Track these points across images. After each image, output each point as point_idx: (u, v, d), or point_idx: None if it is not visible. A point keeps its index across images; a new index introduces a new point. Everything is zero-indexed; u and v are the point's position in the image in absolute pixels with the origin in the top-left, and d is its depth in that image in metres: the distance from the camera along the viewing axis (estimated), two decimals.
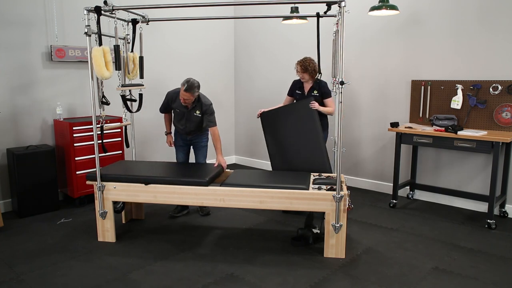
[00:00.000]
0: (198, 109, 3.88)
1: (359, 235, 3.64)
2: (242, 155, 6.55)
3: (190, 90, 3.65)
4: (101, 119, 3.54)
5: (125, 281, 2.86)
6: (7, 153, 4.17)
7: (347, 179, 5.26)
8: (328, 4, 3.29)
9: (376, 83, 4.86)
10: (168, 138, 4.20)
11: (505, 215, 4.09)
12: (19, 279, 2.89)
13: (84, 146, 4.31)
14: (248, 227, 3.84)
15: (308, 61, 4.03)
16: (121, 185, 3.39)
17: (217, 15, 5.71)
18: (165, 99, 4.00)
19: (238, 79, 6.38)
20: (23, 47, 4.23)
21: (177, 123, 4.03)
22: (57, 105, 4.46)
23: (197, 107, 3.87)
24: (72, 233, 3.69)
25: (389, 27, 4.67)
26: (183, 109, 3.89)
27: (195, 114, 3.89)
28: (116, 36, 3.53)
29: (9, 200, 4.30)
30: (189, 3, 3.32)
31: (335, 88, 3.42)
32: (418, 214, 4.17)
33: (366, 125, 5.02)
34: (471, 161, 4.27)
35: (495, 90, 3.99)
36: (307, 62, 4.02)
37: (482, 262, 3.13)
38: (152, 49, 5.32)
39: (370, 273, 2.97)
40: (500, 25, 3.94)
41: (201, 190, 3.28)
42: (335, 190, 3.13)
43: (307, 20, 4.90)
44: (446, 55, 4.30)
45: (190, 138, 4.09)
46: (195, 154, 4.20)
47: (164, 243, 3.47)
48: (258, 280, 2.86)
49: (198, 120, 3.92)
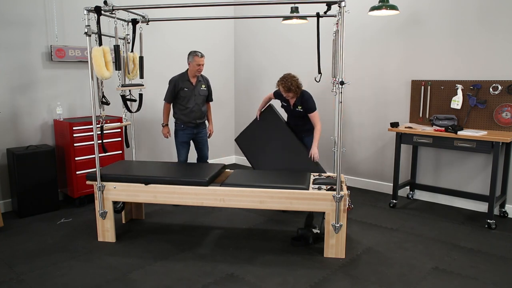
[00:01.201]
0: (203, 83, 4.33)
1: (359, 235, 3.64)
2: (242, 155, 6.55)
3: (204, 55, 4.19)
4: (101, 119, 3.54)
5: (125, 281, 2.86)
6: (7, 153, 4.17)
7: (347, 179, 5.26)
8: (328, 4, 3.28)
9: (376, 83, 4.86)
10: (165, 130, 4.38)
11: (505, 215, 4.09)
12: (19, 279, 2.89)
13: (84, 146, 4.31)
14: (248, 227, 3.84)
15: (289, 80, 3.83)
16: (121, 185, 3.39)
17: (217, 15, 5.71)
18: (171, 85, 4.26)
19: (238, 79, 6.38)
20: (23, 47, 4.23)
21: (184, 110, 4.27)
22: (57, 105, 4.46)
23: (202, 81, 4.32)
24: (72, 233, 3.69)
25: (389, 27, 4.67)
26: (190, 86, 4.25)
27: (201, 88, 4.31)
28: (116, 36, 3.53)
29: (9, 200, 4.30)
30: (189, 3, 3.32)
31: (335, 88, 3.42)
32: (418, 214, 4.17)
33: (366, 125, 5.02)
34: (471, 161, 4.27)
35: (495, 90, 3.99)
36: (289, 82, 3.82)
37: (482, 262, 3.13)
38: (152, 49, 5.32)
39: (370, 273, 2.97)
40: (500, 25, 3.94)
41: (201, 190, 3.28)
42: (335, 190, 3.13)
43: (307, 20, 4.91)
44: (446, 55, 4.30)
45: (196, 132, 4.37)
46: (199, 148, 4.50)
47: (164, 243, 3.47)
48: (258, 280, 2.86)
49: (205, 95, 4.36)
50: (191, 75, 4.25)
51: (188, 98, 4.24)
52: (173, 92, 4.24)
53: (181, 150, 4.36)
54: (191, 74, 4.24)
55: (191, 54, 4.16)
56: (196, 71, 4.19)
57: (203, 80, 4.35)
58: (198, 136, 4.40)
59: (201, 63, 4.16)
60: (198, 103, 4.30)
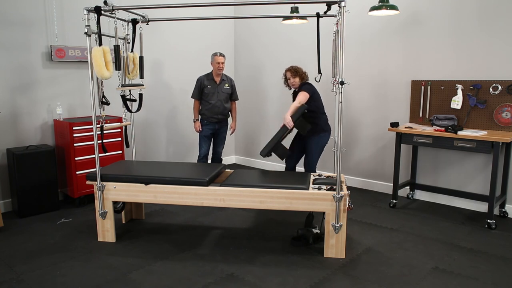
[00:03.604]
0: (227, 82, 4.75)
1: (359, 235, 3.64)
2: (242, 155, 6.55)
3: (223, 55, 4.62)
4: (101, 119, 3.54)
5: (125, 281, 2.86)
6: (7, 153, 4.17)
7: (347, 179, 5.26)
8: (328, 4, 3.29)
9: (376, 83, 4.86)
10: (196, 124, 4.76)
11: (505, 215, 4.09)
12: (19, 279, 2.89)
13: (84, 146, 4.31)
14: (248, 227, 3.84)
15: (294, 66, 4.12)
16: (121, 185, 3.39)
17: (217, 15, 5.71)
18: (197, 83, 4.70)
19: (238, 79, 6.38)
20: (23, 47, 4.23)
21: (207, 105, 4.66)
22: (57, 105, 4.46)
23: (226, 81, 4.74)
24: (72, 233, 3.69)
25: (389, 27, 4.67)
26: (214, 84, 4.67)
27: (225, 87, 4.73)
28: (116, 36, 3.53)
29: (9, 200, 4.30)
30: (189, 3, 3.32)
31: (335, 88, 3.43)
32: (418, 214, 4.17)
33: (366, 125, 5.02)
34: (471, 161, 4.27)
35: (495, 90, 3.99)
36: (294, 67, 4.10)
37: (482, 262, 3.13)
38: (152, 48, 5.32)
39: (370, 273, 2.97)
40: (500, 25, 3.94)
41: (201, 190, 3.28)
42: (335, 190, 3.13)
43: (307, 20, 4.90)
44: (446, 55, 4.30)
45: (218, 127, 4.79)
46: (216, 143, 4.92)
47: (164, 243, 3.47)
48: (258, 280, 2.86)
49: (228, 93, 4.77)
50: (214, 74, 4.69)
51: (211, 95, 4.66)
52: (199, 89, 4.68)
53: (202, 143, 4.79)
54: (215, 73, 4.68)
55: (212, 55, 4.63)
56: (217, 69, 4.60)
57: (227, 80, 4.78)
58: (219, 132, 4.86)
59: (220, 61, 4.57)
60: (221, 100, 4.70)
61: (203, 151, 4.81)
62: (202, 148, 4.80)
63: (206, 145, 4.80)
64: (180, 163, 3.89)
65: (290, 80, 4.09)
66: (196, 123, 4.76)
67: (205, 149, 4.80)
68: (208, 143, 4.83)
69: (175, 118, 5.72)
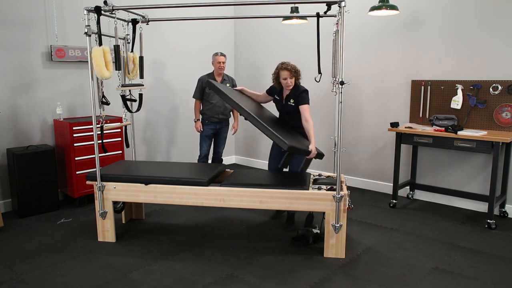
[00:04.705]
0: (228, 82, 4.71)
1: (359, 235, 3.64)
2: (242, 155, 6.55)
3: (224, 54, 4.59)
4: (101, 119, 3.54)
5: (125, 281, 2.86)
6: (7, 153, 4.17)
7: (347, 179, 5.26)
8: (328, 4, 3.28)
9: (376, 83, 4.86)
10: (197, 124, 4.71)
11: (505, 215, 4.09)
12: (19, 279, 2.89)
13: (84, 146, 4.31)
14: (248, 227, 3.84)
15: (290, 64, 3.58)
16: (121, 185, 3.39)
17: (217, 15, 5.71)
18: (198, 83, 4.65)
19: (238, 79, 6.37)
20: (23, 47, 4.23)
21: (208, 105, 4.62)
22: (57, 105, 4.46)
23: (227, 80, 4.71)
24: (72, 233, 3.69)
25: (389, 27, 4.67)
26: None
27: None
28: (116, 36, 3.53)
29: (9, 200, 4.30)
30: (189, 3, 3.32)
31: (335, 88, 3.42)
32: (418, 214, 4.17)
33: (366, 125, 5.02)
34: (471, 161, 4.27)
35: (495, 90, 3.99)
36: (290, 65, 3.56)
37: (482, 262, 3.13)
38: (153, 48, 5.32)
39: (370, 273, 2.97)
40: (500, 25, 3.94)
41: (201, 190, 3.28)
42: (335, 190, 3.13)
43: (307, 20, 4.90)
44: (446, 55, 4.30)
45: (219, 127, 4.76)
46: (217, 142, 4.87)
47: (164, 243, 3.47)
48: (258, 280, 2.86)
49: None
50: (216, 73, 4.65)
51: (213, 95, 4.60)
52: (200, 89, 4.64)
53: (203, 143, 4.77)
54: (216, 73, 4.65)
55: (213, 55, 4.59)
56: (218, 68, 4.58)
57: (228, 80, 4.75)
58: (220, 132, 4.83)
59: (222, 61, 4.55)
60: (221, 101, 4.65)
61: (203, 151, 4.79)
62: (203, 148, 4.78)
63: (207, 145, 4.79)
64: (180, 163, 3.89)
65: (287, 80, 3.56)
66: (197, 123, 4.74)
67: (205, 149, 4.79)
68: (209, 143, 4.81)
69: (175, 118, 5.72)
